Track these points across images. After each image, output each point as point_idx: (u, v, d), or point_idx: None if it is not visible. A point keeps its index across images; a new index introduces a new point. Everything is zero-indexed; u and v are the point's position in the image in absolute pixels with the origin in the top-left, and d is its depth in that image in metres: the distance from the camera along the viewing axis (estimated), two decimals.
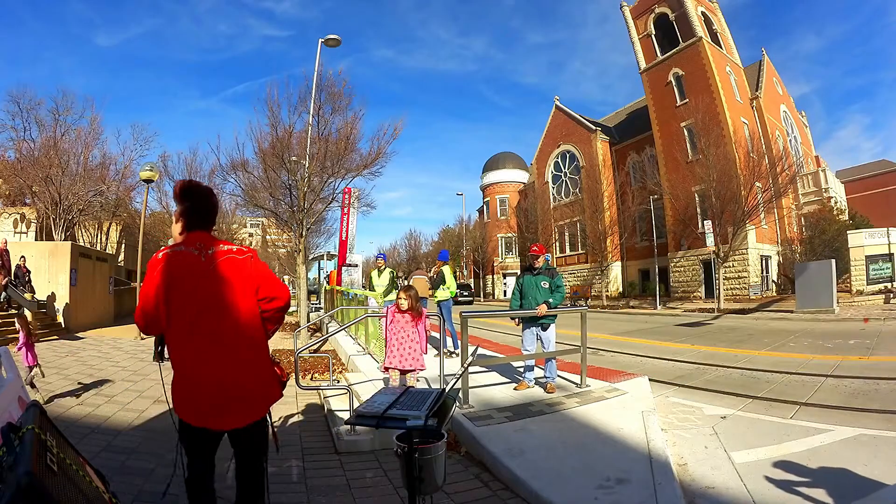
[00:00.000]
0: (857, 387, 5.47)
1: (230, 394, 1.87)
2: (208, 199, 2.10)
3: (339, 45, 11.25)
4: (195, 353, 1.87)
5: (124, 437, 4.05)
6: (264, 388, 1.99)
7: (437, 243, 50.34)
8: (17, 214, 19.12)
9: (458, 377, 2.20)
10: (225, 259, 1.99)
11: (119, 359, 8.39)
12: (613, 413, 4.22)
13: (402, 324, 4.33)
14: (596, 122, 37.64)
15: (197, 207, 2.06)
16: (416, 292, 4.42)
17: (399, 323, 4.34)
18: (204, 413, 1.86)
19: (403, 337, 4.30)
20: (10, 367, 2.66)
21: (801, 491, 2.76)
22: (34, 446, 1.31)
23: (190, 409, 1.88)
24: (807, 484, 2.84)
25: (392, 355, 4.29)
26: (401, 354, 4.27)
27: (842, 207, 28.01)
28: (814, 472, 3.01)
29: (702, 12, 27.82)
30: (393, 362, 4.28)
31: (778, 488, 2.82)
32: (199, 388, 1.86)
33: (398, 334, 4.31)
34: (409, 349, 4.29)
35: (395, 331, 4.32)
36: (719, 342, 10.10)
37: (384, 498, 3.01)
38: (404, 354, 4.27)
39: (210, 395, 1.86)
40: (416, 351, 4.31)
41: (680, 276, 27.40)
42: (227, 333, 1.91)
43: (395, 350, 4.28)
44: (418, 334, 4.35)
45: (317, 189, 11.22)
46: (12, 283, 11.39)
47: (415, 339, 4.32)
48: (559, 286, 5.05)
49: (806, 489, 2.77)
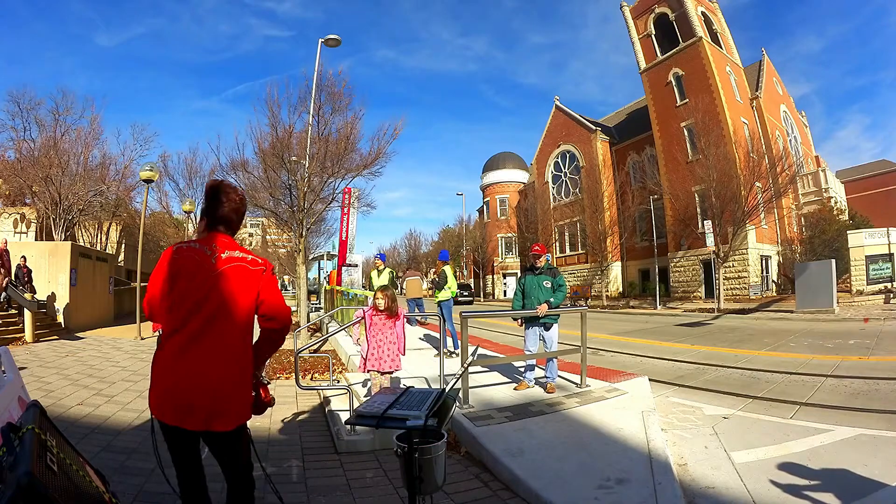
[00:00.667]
0: (857, 387, 5.47)
1: (193, 396, 1.80)
2: (232, 202, 2.05)
3: (339, 45, 11.25)
4: (178, 349, 1.84)
5: (124, 437, 4.05)
6: (232, 404, 1.87)
7: (437, 243, 50.41)
8: (17, 214, 19.11)
9: (458, 377, 2.20)
10: (234, 266, 1.95)
11: (119, 359, 8.39)
12: (613, 413, 4.22)
13: (379, 325, 4.35)
14: (596, 122, 37.65)
15: (218, 209, 2.03)
16: (392, 292, 4.44)
17: (377, 325, 4.35)
18: (170, 411, 1.82)
19: (381, 339, 4.33)
20: (11, 367, 2.66)
21: (801, 491, 2.76)
22: (34, 446, 1.31)
23: (160, 404, 1.84)
24: (807, 484, 2.84)
25: (372, 357, 4.30)
26: (380, 357, 4.29)
27: (842, 207, 28.01)
28: (814, 472, 3.01)
29: (702, 12, 27.81)
30: (374, 365, 4.30)
31: (778, 488, 2.82)
32: (172, 385, 1.82)
33: (376, 336, 4.33)
34: (387, 351, 4.31)
35: (374, 333, 4.34)
36: (719, 342, 10.10)
37: (384, 498, 3.01)
38: (383, 357, 4.29)
39: (177, 393, 1.80)
40: (394, 352, 4.34)
41: (680, 276, 27.40)
42: (213, 338, 1.86)
43: (375, 352, 4.31)
44: (395, 335, 4.37)
45: (317, 189, 11.21)
46: (13, 284, 11.39)
47: (392, 341, 4.35)
48: (561, 285, 5.06)
49: (806, 489, 2.77)
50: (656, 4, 28.98)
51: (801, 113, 35.19)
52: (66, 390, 5.73)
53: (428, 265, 50.44)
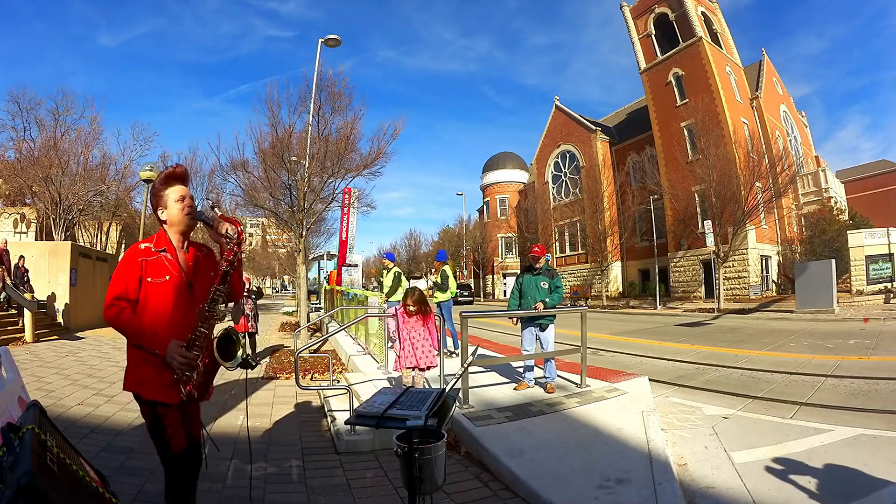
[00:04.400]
0: (857, 387, 5.48)
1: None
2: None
3: (339, 45, 11.23)
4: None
5: (124, 437, 4.05)
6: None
7: (437, 243, 50.35)
8: (17, 214, 19.12)
9: (458, 377, 2.20)
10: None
11: (119, 359, 8.38)
12: (613, 413, 4.22)
13: (412, 324, 4.46)
14: (596, 122, 37.63)
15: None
16: (420, 294, 4.51)
17: (410, 323, 4.46)
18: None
19: (416, 336, 4.43)
20: (11, 367, 2.66)
21: (801, 491, 2.76)
22: (34, 446, 1.31)
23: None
24: (807, 484, 2.84)
25: (408, 355, 4.41)
26: (416, 354, 4.40)
27: (842, 207, 28.00)
28: (814, 472, 3.01)
29: (702, 12, 27.81)
30: (411, 361, 4.40)
31: (778, 488, 2.82)
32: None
33: (410, 334, 4.44)
34: (421, 348, 4.42)
35: (408, 331, 4.44)
36: (719, 342, 10.10)
37: (384, 498, 3.01)
38: (419, 354, 4.41)
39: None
40: (428, 349, 4.45)
41: (680, 276, 27.39)
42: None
43: (410, 350, 4.41)
44: (429, 332, 4.48)
45: (317, 189, 11.22)
46: (12, 283, 11.39)
47: (425, 338, 4.46)
48: (558, 287, 5.07)
49: (806, 489, 2.77)
50: (656, 4, 28.98)
51: (801, 113, 35.18)
52: (66, 390, 5.73)
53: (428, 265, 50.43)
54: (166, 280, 2.03)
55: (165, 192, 2.11)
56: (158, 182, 2.13)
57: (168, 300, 2.02)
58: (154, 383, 1.97)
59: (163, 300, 2.01)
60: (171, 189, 2.12)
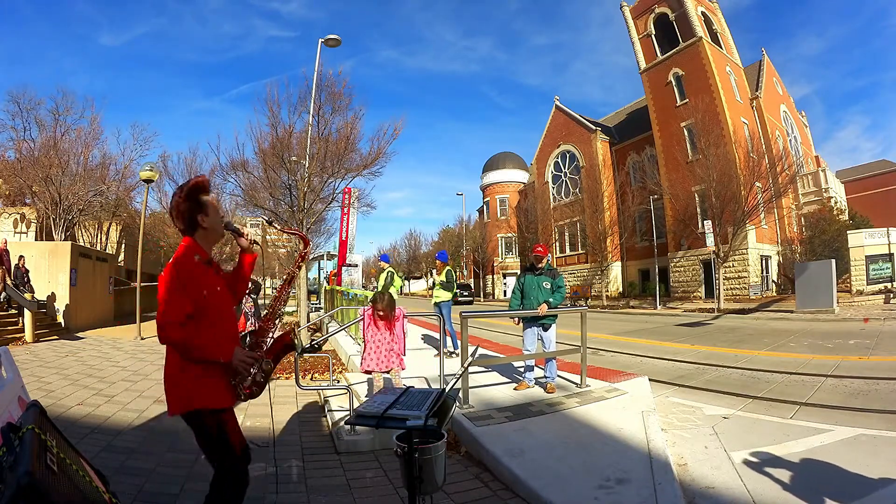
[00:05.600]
0: (857, 387, 5.48)
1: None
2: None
3: (339, 45, 11.23)
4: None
5: (124, 437, 4.04)
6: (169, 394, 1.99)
7: (438, 243, 50.37)
8: (17, 214, 19.11)
9: (458, 377, 2.20)
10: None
11: (119, 359, 8.39)
12: (613, 413, 4.22)
13: (378, 327, 4.40)
14: (596, 122, 37.63)
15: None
16: (390, 299, 4.43)
17: (373, 326, 4.41)
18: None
19: (380, 340, 4.39)
20: (10, 367, 2.66)
21: (801, 491, 2.75)
22: (34, 446, 1.31)
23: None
24: (807, 484, 2.84)
25: (369, 358, 4.36)
26: (377, 358, 4.36)
27: (842, 207, 28.00)
28: (814, 472, 3.01)
29: (702, 12, 27.80)
30: (371, 366, 4.35)
31: (778, 488, 2.82)
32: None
33: (374, 338, 4.40)
34: (384, 352, 4.38)
35: (372, 334, 4.41)
36: (719, 342, 10.10)
37: (384, 498, 3.01)
38: (380, 358, 4.36)
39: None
40: (392, 351, 4.39)
41: (680, 276, 27.39)
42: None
43: (373, 353, 4.37)
44: (392, 335, 4.42)
45: (317, 189, 11.21)
46: (13, 283, 11.39)
47: (390, 341, 4.41)
48: (560, 287, 5.06)
49: (806, 489, 2.77)
50: (656, 4, 28.97)
51: (801, 113, 35.18)
52: (66, 390, 5.73)
53: (428, 265, 50.43)
54: (218, 290, 2.07)
55: (207, 199, 2.08)
56: (201, 189, 2.06)
57: (224, 310, 2.09)
58: (220, 393, 1.99)
59: (219, 311, 2.05)
60: (208, 198, 2.10)
